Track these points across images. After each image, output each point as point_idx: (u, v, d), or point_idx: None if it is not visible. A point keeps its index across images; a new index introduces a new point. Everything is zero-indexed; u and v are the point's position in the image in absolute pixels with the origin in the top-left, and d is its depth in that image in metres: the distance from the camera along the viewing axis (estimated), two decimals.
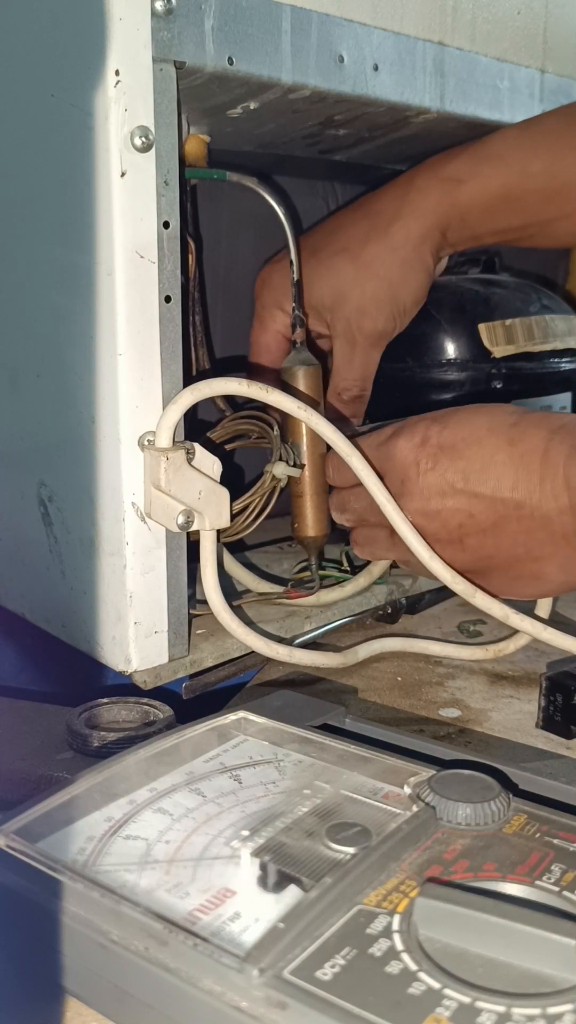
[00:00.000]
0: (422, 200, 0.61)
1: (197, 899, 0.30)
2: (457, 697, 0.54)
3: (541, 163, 0.60)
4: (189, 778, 0.37)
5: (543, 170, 0.60)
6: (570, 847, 0.33)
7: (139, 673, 0.50)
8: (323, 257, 0.62)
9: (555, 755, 0.48)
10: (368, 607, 0.61)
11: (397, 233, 0.61)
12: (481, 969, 0.27)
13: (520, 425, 0.51)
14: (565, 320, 0.73)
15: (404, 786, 0.36)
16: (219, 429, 0.58)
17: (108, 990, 0.29)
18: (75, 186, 0.45)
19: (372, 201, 0.64)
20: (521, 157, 0.60)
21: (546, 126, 0.62)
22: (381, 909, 0.29)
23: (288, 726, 0.41)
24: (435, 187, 0.61)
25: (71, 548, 0.52)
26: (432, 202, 0.61)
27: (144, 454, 0.47)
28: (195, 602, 0.55)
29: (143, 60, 0.43)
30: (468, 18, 0.61)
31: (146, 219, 0.45)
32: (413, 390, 0.69)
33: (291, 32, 0.50)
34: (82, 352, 0.47)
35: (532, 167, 0.60)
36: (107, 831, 0.34)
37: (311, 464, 0.57)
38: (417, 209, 0.61)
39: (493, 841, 0.33)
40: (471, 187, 0.60)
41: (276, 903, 0.30)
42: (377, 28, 0.55)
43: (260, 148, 0.64)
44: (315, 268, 0.62)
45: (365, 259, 0.61)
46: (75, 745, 0.46)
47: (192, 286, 0.59)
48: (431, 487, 0.51)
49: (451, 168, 0.61)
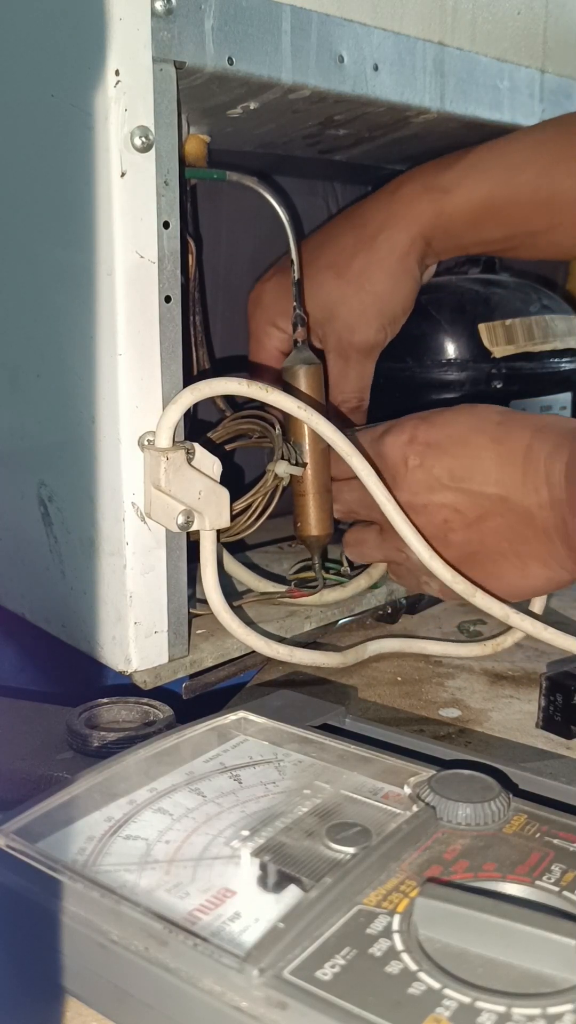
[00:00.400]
0: (407, 210, 0.61)
1: (197, 899, 0.30)
2: (457, 697, 0.54)
3: (527, 175, 0.60)
4: (189, 778, 0.37)
5: (529, 182, 0.60)
6: (570, 847, 0.33)
7: (139, 673, 0.50)
8: (311, 273, 0.62)
9: (555, 755, 0.48)
10: (368, 607, 0.61)
11: (382, 245, 0.61)
12: (481, 969, 0.27)
13: (505, 424, 0.52)
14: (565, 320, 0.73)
15: (404, 786, 0.36)
16: (220, 429, 0.58)
17: (108, 990, 0.29)
18: (75, 186, 0.45)
19: (357, 213, 0.64)
20: (507, 168, 0.60)
21: (533, 138, 0.62)
22: (381, 909, 0.29)
23: (288, 726, 0.41)
24: (420, 196, 0.61)
25: (71, 548, 0.52)
26: (417, 211, 0.61)
27: (144, 454, 0.47)
28: (195, 602, 0.55)
29: (143, 60, 0.43)
30: (468, 18, 0.61)
31: (146, 219, 0.45)
32: (413, 390, 0.69)
33: (291, 32, 0.50)
34: (82, 352, 0.47)
35: (518, 179, 0.60)
36: (107, 831, 0.34)
37: (313, 463, 0.57)
38: (402, 219, 0.61)
39: (493, 841, 0.33)
40: (456, 197, 0.61)
41: (276, 903, 0.30)
42: (377, 28, 0.55)
43: (260, 148, 0.64)
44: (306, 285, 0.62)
45: (352, 273, 0.62)
46: (75, 745, 0.46)
47: (192, 286, 0.59)
48: (418, 483, 0.53)
49: (436, 178, 0.61)
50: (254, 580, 0.60)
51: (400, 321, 0.64)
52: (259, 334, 0.64)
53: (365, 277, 0.61)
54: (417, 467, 0.53)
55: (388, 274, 0.62)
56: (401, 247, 0.61)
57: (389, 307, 0.63)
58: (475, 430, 0.52)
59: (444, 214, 0.61)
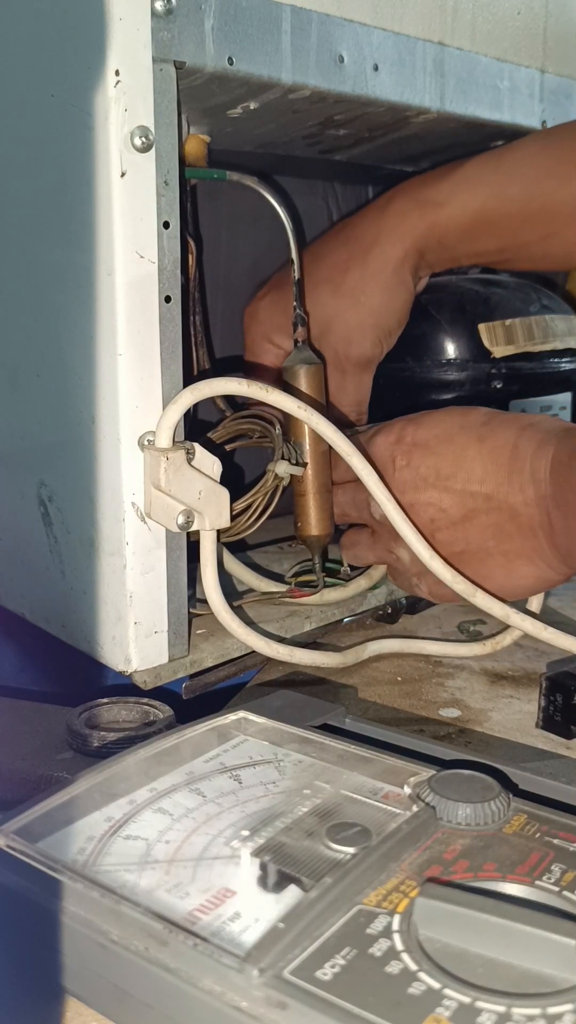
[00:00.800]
0: (399, 223, 0.61)
1: (197, 899, 0.30)
2: (457, 697, 0.54)
3: (518, 187, 0.60)
4: (189, 778, 0.37)
5: (520, 194, 0.60)
6: (570, 847, 0.33)
7: (139, 673, 0.50)
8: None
9: (555, 755, 0.48)
10: (368, 607, 0.61)
11: (376, 259, 0.61)
12: (481, 969, 0.27)
13: (490, 424, 0.53)
14: (565, 320, 0.73)
15: (404, 786, 0.36)
16: (220, 429, 0.58)
17: (108, 990, 0.29)
18: (75, 186, 0.45)
19: (350, 227, 0.64)
20: (498, 181, 0.60)
21: (524, 151, 0.62)
22: (381, 909, 0.29)
23: (288, 726, 0.41)
24: (413, 210, 0.61)
25: (71, 548, 0.52)
26: (409, 225, 0.61)
27: (144, 454, 0.47)
28: (195, 602, 0.55)
29: (143, 60, 0.43)
30: (468, 18, 0.61)
31: (146, 219, 0.45)
32: (413, 390, 0.70)
33: (291, 32, 0.50)
34: (82, 352, 0.47)
35: (509, 191, 0.60)
36: (107, 831, 0.34)
37: (314, 463, 0.57)
38: (394, 233, 0.61)
39: (493, 841, 0.33)
40: (449, 210, 0.61)
41: (276, 903, 0.30)
42: (377, 28, 0.55)
43: (260, 148, 0.64)
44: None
45: (346, 288, 0.62)
46: (75, 745, 0.46)
47: (192, 286, 0.59)
48: (405, 482, 0.53)
49: (428, 191, 0.61)
50: (255, 579, 0.60)
51: (396, 334, 0.64)
52: (255, 349, 0.65)
53: (360, 291, 0.62)
54: (404, 467, 0.54)
55: (382, 288, 0.62)
56: (394, 261, 0.61)
57: (384, 320, 0.63)
58: (461, 429, 0.53)
59: (437, 227, 0.61)
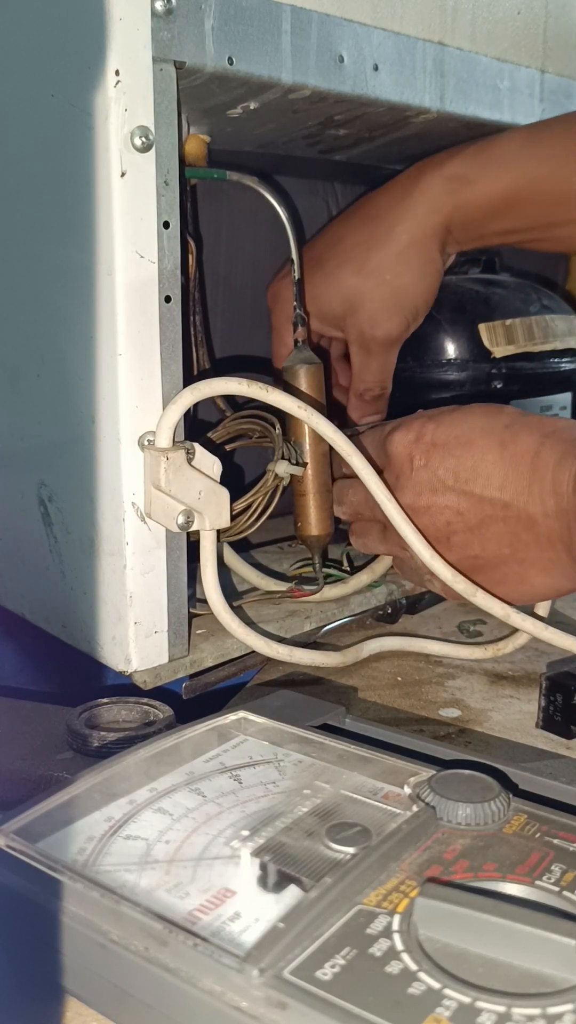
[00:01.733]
0: (427, 200, 0.61)
1: (197, 899, 0.30)
2: (457, 697, 0.54)
3: (548, 168, 0.60)
4: (189, 778, 0.37)
5: (550, 175, 0.60)
6: (570, 847, 0.33)
7: (139, 673, 0.50)
8: (329, 269, 0.62)
9: (555, 755, 0.48)
10: (368, 607, 0.61)
11: (401, 236, 0.61)
12: (481, 969, 0.27)
13: (513, 428, 0.51)
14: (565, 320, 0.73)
15: (404, 786, 0.36)
16: (220, 429, 0.58)
17: (108, 990, 0.29)
18: (75, 186, 0.45)
19: (371, 205, 0.63)
20: (529, 160, 0.60)
21: (554, 131, 0.62)
22: (381, 909, 0.29)
23: (288, 726, 0.41)
24: (440, 186, 0.61)
25: (71, 548, 0.52)
26: (438, 202, 0.61)
27: (144, 454, 0.47)
28: (195, 602, 0.55)
29: (143, 60, 0.43)
30: (468, 18, 0.61)
31: (146, 219, 0.45)
32: (413, 390, 0.69)
33: (291, 32, 0.50)
34: (82, 352, 0.47)
35: (540, 171, 0.60)
36: (107, 831, 0.34)
37: (314, 462, 0.57)
38: (421, 209, 0.61)
39: (493, 841, 0.33)
40: (479, 188, 0.60)
41: (276, 903, 0.30)
42: (377, 28, 0.55)
43: (260, 148, 0.64)
44: (322, 280, 0.62)
45: (371, 267, 0.61)
46: (75, 745, 0.46)
47: (192, 286, 0.59)
48: (422, 483, 0.52)
49: (457, 167, 0.61)
50: (257, 578, 0.60)
51: (423, 313, 0.63)
52: (281, 328, 0.64)
53: (385, 270, 0.61)
54: (422, 467, 0.52)
55: (409, 266, 0.61)
56: (421, 238, 0.61)
57: (411, 300, 0.62)
58: (482, 432, 0.52)
59: (465, 205, 0.60)
